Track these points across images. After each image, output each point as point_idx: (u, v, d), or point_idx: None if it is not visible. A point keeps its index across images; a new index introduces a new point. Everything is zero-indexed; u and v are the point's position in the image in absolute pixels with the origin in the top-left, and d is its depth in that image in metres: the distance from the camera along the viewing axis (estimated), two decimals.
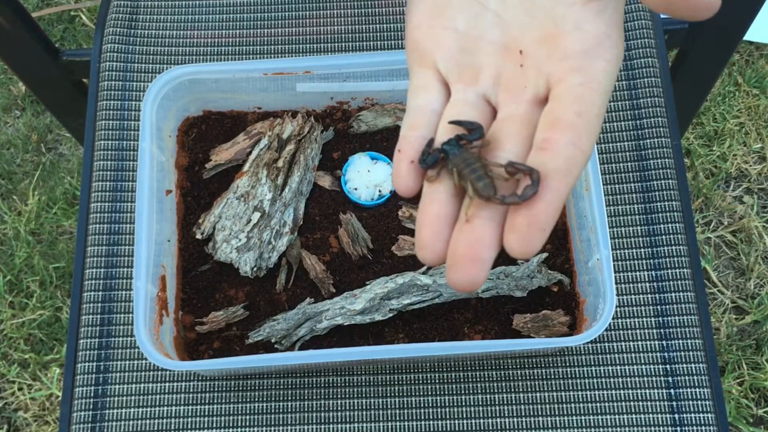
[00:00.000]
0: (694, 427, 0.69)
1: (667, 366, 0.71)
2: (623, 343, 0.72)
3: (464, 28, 0.42)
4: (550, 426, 0.69)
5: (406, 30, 0.45)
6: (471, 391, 0.71)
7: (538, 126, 0.39)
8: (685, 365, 0.71)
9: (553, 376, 0.71)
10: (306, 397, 0.71)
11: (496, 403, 0.71)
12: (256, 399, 0.71)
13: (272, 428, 0.70)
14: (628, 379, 0.71)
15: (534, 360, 0.72)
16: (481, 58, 0.42)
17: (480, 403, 0.71)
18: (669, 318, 0.72)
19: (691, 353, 0.71)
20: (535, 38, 0.40)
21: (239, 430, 0.70)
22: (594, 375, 0.71)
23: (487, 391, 0.71)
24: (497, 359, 0.72)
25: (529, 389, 0.71)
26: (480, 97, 0.42)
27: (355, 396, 0.71)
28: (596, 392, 0.70)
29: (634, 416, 0.69)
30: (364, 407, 0.71)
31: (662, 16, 0.86)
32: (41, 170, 1.53)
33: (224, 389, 0.72)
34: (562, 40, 0.39)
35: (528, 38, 0.41)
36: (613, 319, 0.71)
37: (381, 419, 0.70)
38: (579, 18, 0.39)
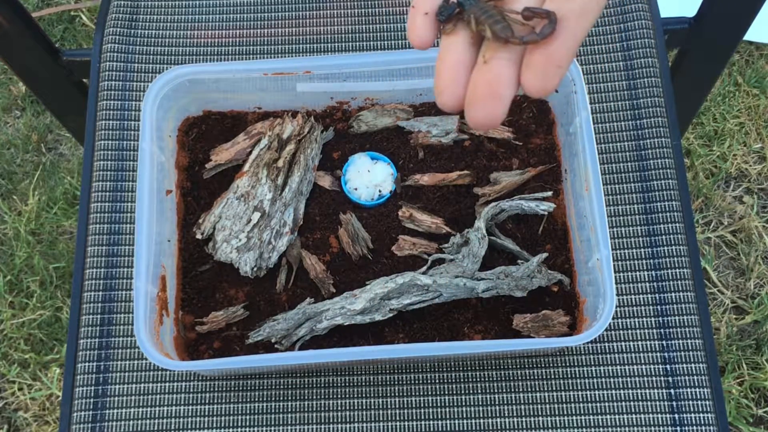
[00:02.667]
0: (694, 427, 0.69)
1: (667, 366, 0.71)
2: (623, 343, 0.72)
3: None
4: (550, 426, 0.69)
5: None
6: (471, 391, 0.71)
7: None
8: (685, 365, 0.71)
9: (553, 376, 0.71)
10: (306, 397, 0.71)
11: (496, 403, 0.71)
12: (257, 399, 0.71)
13: (272, 428, 0.70)
14: (628, 379, 0.71)
15: (534, 360, 0.72)
16: None
17: (480, 403, 0.71)
18: (669, 318, 0.72)
19: (691, 353, 0.71)
20: None
21: (239, 430, 0.70)
22: (594, 375, 0.71)
23: (487, 391, 0.71)
24: (497, 359, 0.72)
25: (529, 389, 0.71)
26: None
27: (355, 396, 0.71)
28: (596, 392, 0.70)
29: (634, 416, 0.70)
30: (364, 407, 0.71)
31: (662, 15, 0.86)
32: (41, 170, 1.53)
33: (224, 389, 0.72)
34: None
35: None
36: (613, 319, 0.71)
37: (381, 419, 0.70)
38: None
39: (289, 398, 0.71)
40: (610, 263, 0.64)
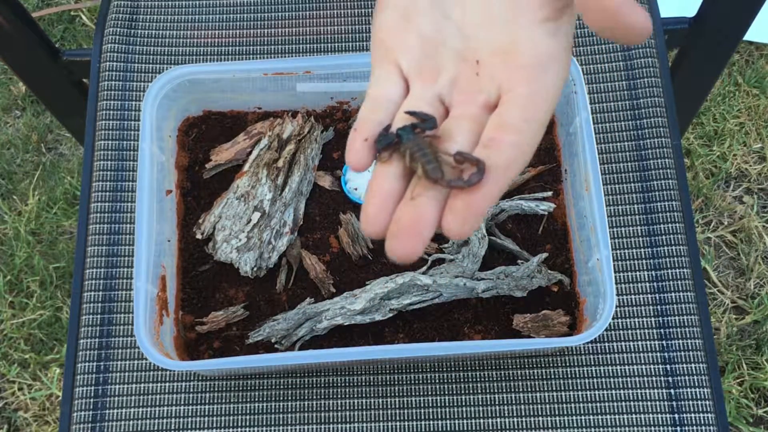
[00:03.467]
0: (694, 427, 0.69)
1: (667, 366, 0.71)
2: (623, 343, 0.72)
3: (428, 34, 0.45)
4: (550, 426, 0.69)
5: (374, 28, 0.48)
6: (471, 391, 0.71)
7: (486, 126, 0.42)
8: (685, 365, 0.71)
9: (553, 376, 0.71)
10: (306, 397, 0.71)
11: (496, 403, 0.71)
12: (257, 399, 0.71)
13: (272, 428, 0.70)
14: (628, 379, 0.71)
15: (534, 360, 0.72)
16: (442, 61, 0.45)
17: (480, 403, 0.71)
18: (669, 318, 0.72)
19: (691, 353, 0.71)
20: (492, 50, 0.44)
21: (239, 430, 0.70)
22: (594, 375, 0.71)
23: (487, 391, 0.71)
24: (497, 359, 0.72)
25: (529, 389, 0.71)
26: (436, 96, 0.45)
27: (355, 396, 0.71)
28: (596, 392, 0.70)
29: (633, 416, 0.69)
30: (364, 407, 0.71)
31: (662, 15, 0.85)
32: (41, 170, 1.53)
33: (224, 389, 0.72)
34: (516, 54, 0.42)
35: (485, 50, 0.44)
36: (613, 319, 0.71)
37: (381, 419, 0.70)
38: (534, 36, 0.42)
39: (289, 398, 0.71)
40: (610, 263, 0.64)
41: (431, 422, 0.70)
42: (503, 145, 0.41)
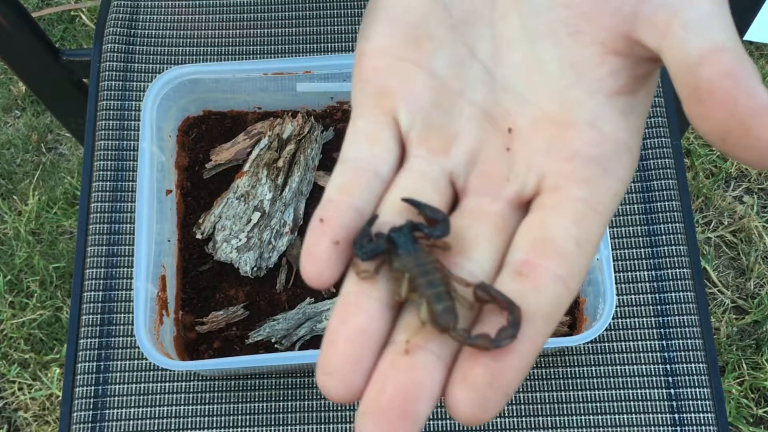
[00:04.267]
0: (694, 427, 0.69)
1: (667, 366, 0.71)
2: (623, 343, 0.72)
3: (444, 74, 0.32)
4: (550, 426, 0.69)
5: (360, 50, 0.33)
6: None
7: (517, 238, 0.29)
8: (684, 365, 0.71)
9: (553, 376, 0.71)
10: (306, 397, 0.71)
11: None
12: (257, 399, 0.71)
13: (273, 428, 0.70)
14: (628, 379, 0.71)
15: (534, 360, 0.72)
16: (459, 122, 0.31)
17: None
18: (669, 318, 0.72)
19: (690, 353, 0.71)
20: (533, 118, 0.30)
21: (239, 430, 0.70)
22: (594, 375, 0.71)
23: None
24: None
25: (529, 389, 0.71)
26: (446, 174, 0.31)
27: None
28: (596, 392, 0.70)
29: (633, 416, 0.69)
30: None
31: None
32: (41, 170, 1.53)
33: (224, 389, 0.72)
34: (570, 134, 0.29)
35: (524, 115, 0.30)
36: (613, 319, 0.71)
37: None
38: (599, 112, 0.29)
39: (290, 398, 0.71)
40: (610, 263, 0.64)
41: (431, 422, 0.70)
42: (546, 277, 0.28)
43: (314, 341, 0.72)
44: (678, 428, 0.69)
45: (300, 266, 0.29)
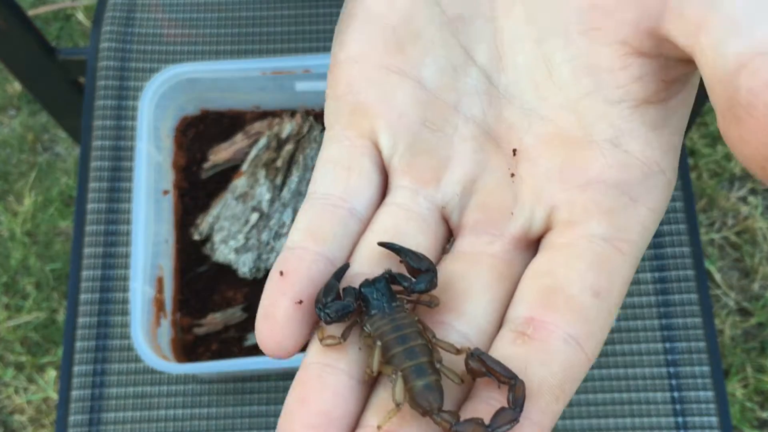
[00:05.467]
0: (698, 431, 0.68)
1: (671, 368, 0.70)
2: (626, 346, 0.71)
3: (434, 83, 0.26)
4: (552, 429, 0.69)
5: (333, 60, 0.27)
6: None
7: (521, 287, 0.24)
8: (688, 368, 0.70)
9: None
10: None
11: None
12: (255, 402, 0.71)
13: (271, 431, 0.70)
14: (631, 382, 0.70)
15: None
16: (453, 143, 0.26)
17: None
18: (672, 320, 0.72)
19: (694, 356, 0.71)
20: (542, 135, 0.25)
21: None
22: (597, 378, 0.71)
23: None
24: None
25: None
26: (436, 208, 0.26)
27: None
28: (599, 395, 0.70)
29: (637, 419, 0.69)
30: None
31: None
32: (37, 170, 1.52)
33: (222, 392, 0.71)
34: (588, 155, 0.24)
35: (532, 132, 0.25)
36: (616, 321, 0.71)
37: None
38: (623, 127, 0.24)
39: None
40: None
41: None
42: (555, 338, 0.22)
43: None
44: (682, 431, 0.69)
45: (255, 332, 0.24)
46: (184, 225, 0.76)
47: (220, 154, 0.78)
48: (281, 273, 0.24)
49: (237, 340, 0.72)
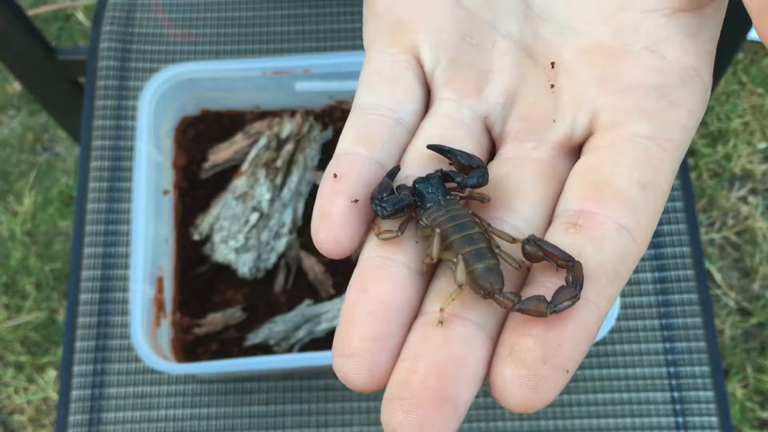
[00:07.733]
0: (698, 431, 0.68)
1: (671, 368, 0.70)
2: (626, 346, 0.71)
3: (471, 2, 0.27)
4: (552, 429, 0.69)
5: None
6: None
7: (570, 184, 0.24)
8: (688, 368, 0.70)
9: None
10: (305, 400, 0.70)
11: (498, 405, 0.70)
12: (255, 402, 0.71)
13: (271, 431, 0.70)
14: (631, 382, 0.70)
15: None
16: (492, 57, 0.26)
17: (481, 405, 0.70)
18: (672, 320, 0.72)
19: (694, 356, 0.70)
20: (580, 48, 0.25)
21: None
22: (596, 377, 0.70)
23: (488, 393, 0.70)
24: None
25: None
26: (479, 118, 0.26)
27: (355, 399, 0.70)
28: (599, 395, 0.70)
29: (637, 419, 0.69)
30: (363, 410, 0.70)
31: None
32: (37, 170, 1.52)
33: (222, 392, 0.71)
34: (626, 63, 0.25)
35: (569, 45, 0.26)
36: (616, 321, 0.71)
37: (380, 422, 0.69)
38: (659, 35, 0.24)
39: (288, 401, 0.70)
40: None
41: None
42: (606, 227, 0.23)
43: (313, 344, 0.71)
44: (682, 431, 0.68)
45: (312, 232, 0.25)
46: (184, 225, 0.76)
47: (220, 154, 0.77)
48: (335, 175, 0.25)
49: (237, 340, 0.72)
